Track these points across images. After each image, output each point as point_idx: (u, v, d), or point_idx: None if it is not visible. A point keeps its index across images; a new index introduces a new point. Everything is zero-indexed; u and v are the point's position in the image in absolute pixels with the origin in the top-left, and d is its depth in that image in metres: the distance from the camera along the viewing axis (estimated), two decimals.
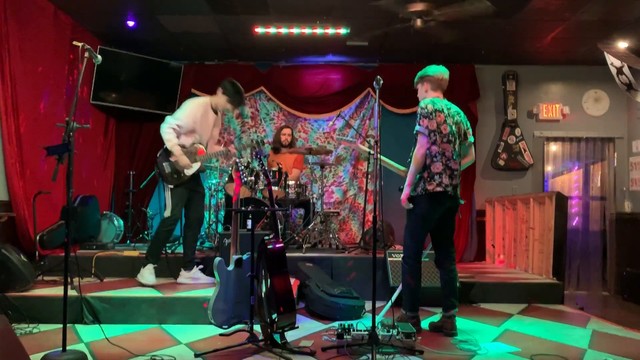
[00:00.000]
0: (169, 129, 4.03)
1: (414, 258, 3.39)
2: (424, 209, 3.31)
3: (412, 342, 3.02)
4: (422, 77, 3.50)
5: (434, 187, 3.26)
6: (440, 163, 3.29)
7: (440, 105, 3.35)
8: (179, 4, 5.13)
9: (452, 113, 3.41)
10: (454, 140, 3.35)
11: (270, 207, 3.24)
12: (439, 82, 3.47)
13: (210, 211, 5.80)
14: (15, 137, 4.43)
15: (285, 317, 2.92)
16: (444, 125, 3.31)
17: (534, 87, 6.98)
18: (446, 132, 3.31)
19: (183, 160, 4.03)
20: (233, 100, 4.20)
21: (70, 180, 2.76)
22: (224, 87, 4.19)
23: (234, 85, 4.19)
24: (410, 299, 3.44)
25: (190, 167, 4.09)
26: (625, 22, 5.33)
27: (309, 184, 6.44)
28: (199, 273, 4.26)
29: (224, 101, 4.19)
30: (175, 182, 4.10)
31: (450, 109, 3.42)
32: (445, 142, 3.31)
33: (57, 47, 5.17)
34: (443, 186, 3.26)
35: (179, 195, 4.13)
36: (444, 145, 3.31)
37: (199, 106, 4.19)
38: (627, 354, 2.94)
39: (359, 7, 5.09)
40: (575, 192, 7.06)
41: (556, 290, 4.58)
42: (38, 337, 3.21)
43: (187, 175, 4.12)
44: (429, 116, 3.29)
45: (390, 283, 4.32)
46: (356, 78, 6.88)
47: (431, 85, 3.47)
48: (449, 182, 3.29)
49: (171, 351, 2.92)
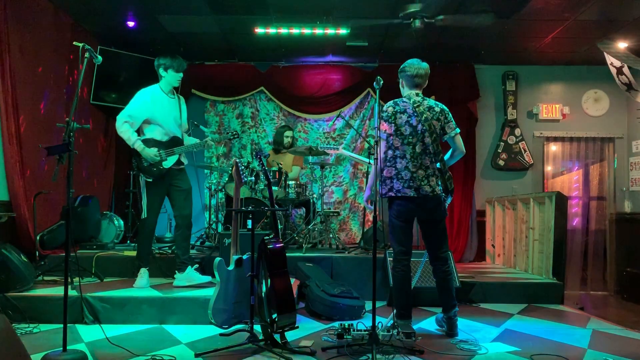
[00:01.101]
0: (123, 124, 3.88)
1: (397, 260, 3.31)
2: (389, 211, 3.32)
3: (412, 342, 3.02)
4: (399, 71, 3.42)
5: (386, 192, 3.26)
6: (393, 168, 3.25)
7: (402, 105, 3.31)
8: (179, 4, 5.13)
9: (422, 110, 3.27)
10: (417, 141, 3.25)
11: (270, 207, 3.24)
12: (412, 79, 3.35)
13: (210, 211, 5.81)
14: (15, 137, 4.43)
15: (285, 317, 2.92)
16: (404, 127, 3.26)
17: (533, 87, 6.98)
18: (406, 133, 3.25)
19: (148, 154, 3.87)
20: (175, 64, 3.99)
21: (70, 180, 2.76)
22: (159, 63, 4.01)
23: (166, 54, 4.03)
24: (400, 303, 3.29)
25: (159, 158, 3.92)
26: (625, 22, 5.33)
27: (309, 184, 6.45)
28: (193, 273, 4.05)
29: (171, 73, 4.00)
30: (156, 174, 3.93)
31: (420, 106, 3.29)
32: (405, 143, 3.25)
33: (57, 47, 5.17)
34: (394, 191, 3.23)
35: (153, 193, 3.99)
36: (403, 148, 3.25)
37: (145, 92, 4.01)
38: (627, 354, 2.94)
39: (359, 7, 5.10)
40: (575, 192, 7.06)
41: (556, 290, 4.58)
42: (38, 337, 3.21)
43: (165, 168, 3.96)
44: (388, 120, 3.27)
45: (391, 283, 4.31)
46: (356, 78, 6.88)
47: (405, 81, 3.40)
48: (408, 185, 3.21)
49: (171, 351, 2.92)
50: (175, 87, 4.15)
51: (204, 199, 6.43)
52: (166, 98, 4.07)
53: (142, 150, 3.88)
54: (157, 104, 4.00)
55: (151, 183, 3.97)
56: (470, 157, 6.78)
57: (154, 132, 3.99)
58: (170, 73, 4.01)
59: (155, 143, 3.97)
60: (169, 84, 4.07)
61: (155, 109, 3.98)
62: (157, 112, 3.99)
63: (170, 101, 4.09)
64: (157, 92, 4.05)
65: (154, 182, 3.97)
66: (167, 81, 4.05)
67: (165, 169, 3.97)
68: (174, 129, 4.07)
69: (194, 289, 3.91)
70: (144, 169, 3.93)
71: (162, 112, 4.01)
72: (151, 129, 3.99)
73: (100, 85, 6.01)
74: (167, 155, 3.97)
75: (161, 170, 3.95)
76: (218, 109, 6.94)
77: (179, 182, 4.08)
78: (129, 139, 3.89)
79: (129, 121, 3.90)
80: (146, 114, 3.94)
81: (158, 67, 4.03)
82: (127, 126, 3.89)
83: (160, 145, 3.98)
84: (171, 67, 4.00)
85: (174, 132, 4.06)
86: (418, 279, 4.32)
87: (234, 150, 6.93)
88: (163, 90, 4.07)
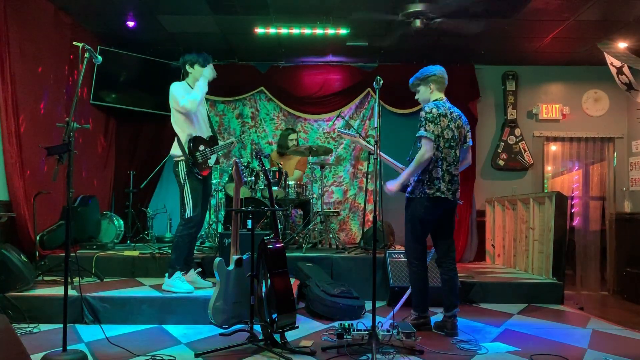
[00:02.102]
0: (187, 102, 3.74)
1: (419, 259, 3.42)
2: (421, 212, 3.33)
3: (412, 342, 3.02)
4: (426, 77, 3.44)
5: (433, 192, 3.28)
6: (440, 169, 3.29)
7: (443, 109, 3.36)
8: (179, 4, 5.13)
9: (455, 117, 3.41)
10: (455, 145, 3.37)
11: (270, 207, 3.24)
12: (443, 82, 3.46)
13: (210, 211, 5.81)
14: (15, 137, 4.43)
15: (285, 317, 2.91)
16: (447, 130, 3.32)
17: (533, 87, 6.98)
18: (448, 137, 3.33)
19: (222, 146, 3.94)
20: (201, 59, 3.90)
21: (70, 180, 2.76)
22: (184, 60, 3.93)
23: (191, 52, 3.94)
24: (420, 300, 3.47)
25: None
26: (625, 22, 5.33)
27: (309, 184, 6.45)
28: (194, 276, 3.96)
29: (197, 68, 3.90)
30: (205, 168, 3.86)
31: (453, 112, 3.42)
32: (447, 147, 3.32)
33: (57, 47, 5.17)
34: (442, 192, 3.28)
35: (199, 190, 3.87)
36: (446, 151, 3.31)
37: (181, 85, 3.91)
38: (627, 354, 2.94)
39: (359, 8, 5.09)
40: (575, 192, 7.06)
41: (556, 290, 4.58)
42: (38, 337, 3.21)
43: (210, 166, 3.94)
44: (434, 121, 3.28)
45: (391, 283, 4.32)
46: (356, 78, 6.88)
47: (437, 85, 3.45)
48: (448, 188, 3.30)
49: (171, 351, 2.92)
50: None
51: None
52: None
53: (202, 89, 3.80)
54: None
55: (200, 180, 3.86)
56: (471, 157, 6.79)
57: (197, 129, 3.88)
58: (197, 68, 3.91)
59: (202, 141, 3.89)
60: (196, 80, 3.93)
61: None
62: (199, 109, 3.91)
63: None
64: (188, 89, 3.91)
65: (203, 179, 3.90)
66: (195, 77, 3.93)
67: (210, 167, 3.96)
68: (208, 127, 4.04)
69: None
70: (199, 165, 3.81)
71: (200, 109, 3.95)
72: (193, 126, 3.86)
73: (100, 85, 6.01)
74: (211, 154, 3.95)
75: (207, 167, 3.92)
76: (218, 109, 6.94)
77: (210, 183, 4.16)
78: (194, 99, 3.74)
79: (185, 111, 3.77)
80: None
81: (184, 65, 3.94)
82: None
83: (206, 143, 3.91)
84: (197, 63, 3.91)
85: (210, 131, 4.03)
86: None
87: (234, 151, 6.92)
88: (191, 87, 3.94)
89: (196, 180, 3.83)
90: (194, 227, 3.88)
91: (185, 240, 3.85)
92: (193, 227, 3.86)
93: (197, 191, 3.84)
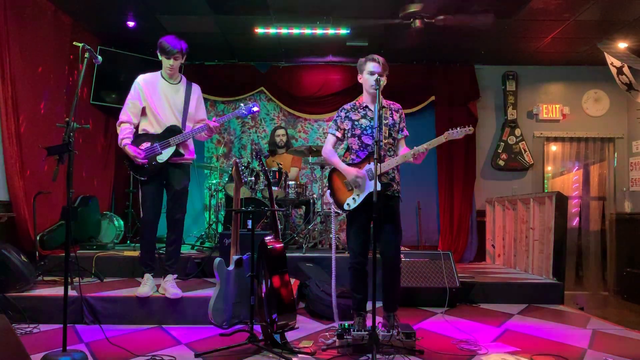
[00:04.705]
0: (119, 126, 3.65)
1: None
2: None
3: (412, 342, 3.01)
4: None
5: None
6: None
7: None
8: (179, 4, 5.13)
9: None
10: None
11: (270, 207, 3.24)
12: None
13: (210, 211, 5.80)
14: (15, 137, 4.43)
15: (285, 317, 2.91)
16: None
17: (533, 88, 6.98)
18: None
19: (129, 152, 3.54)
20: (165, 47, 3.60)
21: (70, 180, 2.76)
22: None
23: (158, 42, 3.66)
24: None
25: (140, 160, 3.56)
26: (625, 22, 5.33)
27: (309, 184, 6.45)
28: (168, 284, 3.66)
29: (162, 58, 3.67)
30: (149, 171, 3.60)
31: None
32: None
33: (57, 47, 5.17)
34: None
35: (149, 191, 3.65)
36: None
37: (142, 77, 3.71)
38: (627, 354, 2.94)
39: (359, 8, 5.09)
40: (575, 192, 7.06)
41: (556, 290, 4.58)
42: (38, 337, 3.21)
43: (160, 163, 3.60)
44: None
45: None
46: (356, 78, 6.85)
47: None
48: None
49: (171, 351, 2.92)
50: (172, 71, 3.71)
51: (203, 199, 6.44)
52: (166, 84, 3.71)
53: (128, 152, 3.57)
54: (152, 91, 3.68)
55: (145, 181, 3.65)
56: (471, 157, 6.79)
57: (147, 124, 3.67)
58: (162, 58, 3.67)
59: (147, 137, 3.63)
60: (167, 69, 3.69)
61: (151, 95, 3.66)
62: (154, 99, 3.66)
63: (171, 87, 3.72)
64: (156, 78, 3.73)
65: (150, 180, 3.64)
66: (164, 65, 3.69)
67: (160, 164, 3.61)
68: (171, 117, 3.68)
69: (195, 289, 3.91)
70: (135, 168, 3.61)
71: (158, 100, 3.66)
72: (146, 121, 3.68)
73: (100, 85, 6.01)
74: (162, 148, 3.60)
75: (155, 166, 3.60)
76: (218, 109, 6.94)
77: (172, 180, 3.69)
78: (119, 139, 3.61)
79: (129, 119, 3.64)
80: (142, 104, 3.66)
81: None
82: (124, 129, 3.63)
83: (153, 138, 3.62)
84: (161, 51, 3.64)
85: (170, 121, 3.66)
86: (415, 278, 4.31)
87: (234, 150, 6.93)
88: (163, 76, 3.73)
89: (142, 183, 3.68)
90: (145, 230, 3.72)
91: (143, 242, 3.74)
92: (144, 229, 3.73)
93: (145, 194, 3.67)
